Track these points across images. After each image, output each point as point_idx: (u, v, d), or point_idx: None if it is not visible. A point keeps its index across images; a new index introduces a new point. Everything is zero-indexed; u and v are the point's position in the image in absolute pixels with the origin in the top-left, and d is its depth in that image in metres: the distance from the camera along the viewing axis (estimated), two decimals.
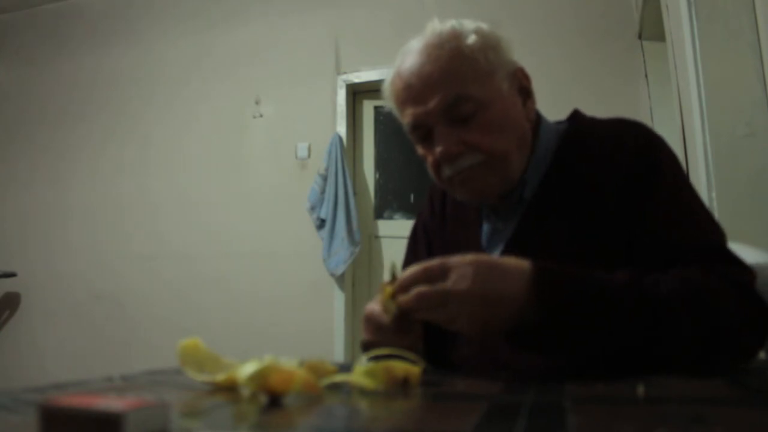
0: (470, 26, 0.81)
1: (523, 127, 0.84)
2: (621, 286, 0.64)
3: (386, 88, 0.86)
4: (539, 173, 0.84)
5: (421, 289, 0.60)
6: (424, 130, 0.81)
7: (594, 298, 0.62)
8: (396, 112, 0.85)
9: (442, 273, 0.60)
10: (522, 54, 0.86)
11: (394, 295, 0.63)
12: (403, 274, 0.62)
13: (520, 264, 0.62)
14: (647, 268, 0.69)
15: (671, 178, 0.78)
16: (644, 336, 0.63)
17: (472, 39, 0.79)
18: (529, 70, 0.87)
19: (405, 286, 0.62)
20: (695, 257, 0.71)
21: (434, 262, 0.61)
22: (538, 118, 0.89)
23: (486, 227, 0.89)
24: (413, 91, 0.79)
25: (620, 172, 0.78)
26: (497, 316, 0.61)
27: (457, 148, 0.79)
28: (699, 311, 0.64)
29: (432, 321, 0.63)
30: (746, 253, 0.88)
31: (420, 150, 0.85)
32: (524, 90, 0.86)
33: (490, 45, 0.81)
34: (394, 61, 0.84)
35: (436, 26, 0.82)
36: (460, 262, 0.60)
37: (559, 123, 0.91)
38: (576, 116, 0.91)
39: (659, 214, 0.75)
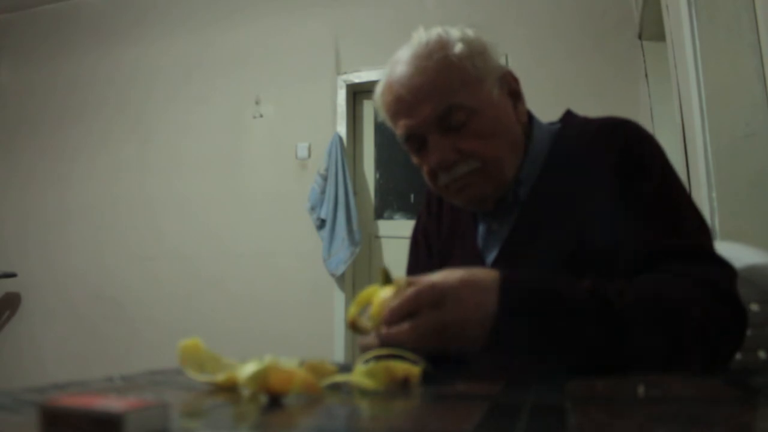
0: (456, 34, 0.82)
1: (516, 131, 0.84)
2: (583, 296, 0.64)
3: (377, 100, 0.86)
4: (533, 174, 0.84)
5: (416, 323, 0.60)
6: (417, 141, 0.82)
7: (553, 309, 0.63)
8: (388, 123, 0.86)
9: (433, 300, 0.60)
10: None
11: (389, 322, 0.62)
12: (388, 307, 0.61)
13: (491, 276, 0.63)
14: (626, 270, 0.70)
15: (657, 176, 0.78)
16: (607, 345, 0.63)
17: (459, 47, 0.80)
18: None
19: (395, 319, 0.61)
20: (673, 257, 0.71)
21: (423, 287, 0.60)
22: (530, 120, 0.89)
23: (482, 228, 0.89)
24: (404, 103, 0.80)
25: (609, 170, 0.78)
26: (481, 332, 0.61)
27: (451, 156, 0.79)
28: (665, 318, 0.64)
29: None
30: (746, 253, 0.88)
31: (415, 159, 0.86)
32: (514, 93, 0.86)
33: (477, 51, 0.81)
34: (384, 71, 0.84)
35: (422, 36, 0.82)
36: (448, 285, 0.60)
37: (552, 124, 0.91)
38: (568, 116, 0.91)
39: (641, 212, 0.75)
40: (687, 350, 0.65)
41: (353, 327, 0.67)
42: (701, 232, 0.75)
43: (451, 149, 0.79)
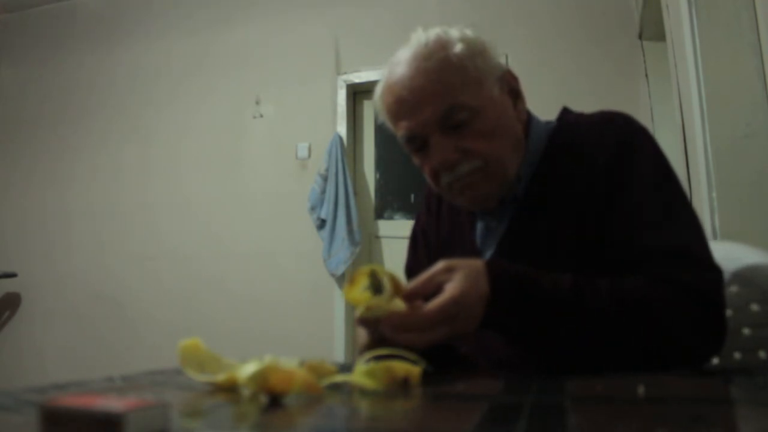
0: (455, 34, 0.81)
1: (516, 129, 0.85)
2: (562, 291, 0.67)
3: (377, 102, 0.86)
4: (530, 171, 0.85)
5: (430, 336, 0.62)
6: (419, 141, 0.82)
7: (534, 298, 0.67)
8: (389, 124, 0.86)
9: (448, 317, 0.62)
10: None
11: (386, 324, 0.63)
12: (401, 318, 0.62)
13: (482, 266, 0.67)
14: (608, 269, 0.72)
15: (646, 174, 0.77)
16: (579, 340, 0.67)
17: (459, 47, 0.79)
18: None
19: (410, 330, 0.63)
20: (655, 259, 0.71)
21: (434, 310, 0.62)
22: (529, 118, 0.89)
23: (480, 226, 0.89)
24: (406, 104, 0.79)
25: (599, 166, 0.79)
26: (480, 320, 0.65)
27: (454, 156, 0.79)
28: (635, 320, 0.67)
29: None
30: (746, 253, 0.88)
31: (416, 160, 0.85)
32: (514, 92, 0.86)
33: (476, 51, 0.81)
34: (384, 72, 0.84)
35: (421, 36, 0.82)
36: (463, 303, 0.63)
37: (548, 122, 0.91)
38: (564, 114, 0.91)
39: (626, 211, 0.76)
40: (655, 352, 0.67)
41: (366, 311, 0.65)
42: (686, 232, 0.75)
43: (453, 149, 0.79)
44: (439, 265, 0.66)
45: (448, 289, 0.63)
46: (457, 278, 0.64)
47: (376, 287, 0.64)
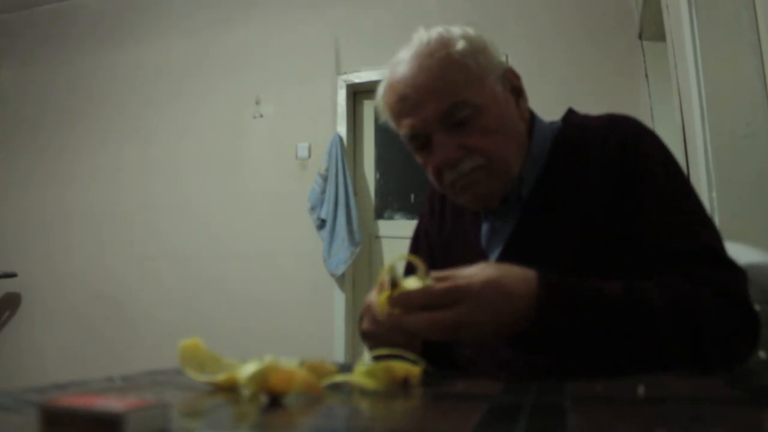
0: (457, 32, 0.81)
1: (519, 127, 0.85)
2: (617, 301, 0.64)
3: (379, 102, 0.86)
4: (535, 172, 0.84)
5: (432, 316, 0.59)
6: (422, 139, 0.81)
7: (592, 315, 0.63)
8: (392, 123, 0.85)
9: (453, 299, 0.59)
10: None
11: (392, 302, 0.61)
12: (407, 294, 0.60)
13: (526, 284, 0.62)
14: (634, 271, 0.70)
15: (659, 175, 0.77)
16: (630, 347, 0.64)
17: (461, 45, 0.79)
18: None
19: (408, 306, 0.60)
20: (681, 260, 0.70)
21: (441, 286, 0.59)
22: (532, 117, 0.89)
23: (485, 226, 0.89)
24: (408, 102, 0.79)
25: (608, 168, 0.78)
26: (504, 333, 0.62)
27: (457, 153, 0.79)
28: (682, 324, 0.64)
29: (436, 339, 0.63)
30: (746, 253, 0.88)
31: (419, 158, 0.85)
32: (516, 90, 0.86)
33: (478, 49, 0.81)
34: (385, 72, 0.84)
35: (423, 35, 0.82)
36: (471, 288, 0.59)
37: (552, 123, 0.91)
38: (569, 115, 0.91)
39: (645, 213, 0.75)
40: (702, 356, 0.65)
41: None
42: (707, 232, 0.74)
43: (456, 146, 0.79)
44: (481, 264, 0.62)
45: (467, 271, 0.60)
46: (488, 269, 0.60)
47: (393, 282, 0.63)
